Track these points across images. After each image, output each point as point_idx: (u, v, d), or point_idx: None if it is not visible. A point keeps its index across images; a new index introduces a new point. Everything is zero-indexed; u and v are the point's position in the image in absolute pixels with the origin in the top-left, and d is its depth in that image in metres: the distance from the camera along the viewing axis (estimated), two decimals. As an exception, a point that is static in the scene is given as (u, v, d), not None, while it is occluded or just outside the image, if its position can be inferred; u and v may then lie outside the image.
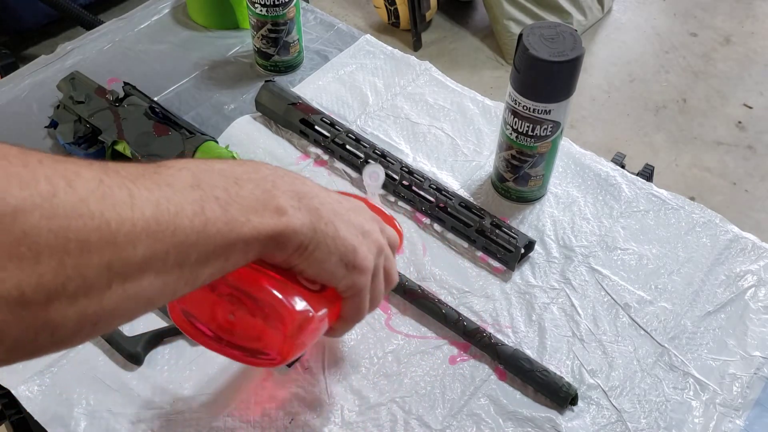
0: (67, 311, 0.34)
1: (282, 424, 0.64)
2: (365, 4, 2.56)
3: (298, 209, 0.45)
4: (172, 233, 0.38)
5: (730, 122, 2.18)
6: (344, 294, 0.51)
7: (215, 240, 0.40)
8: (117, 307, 0.37)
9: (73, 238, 0.34)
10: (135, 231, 0.36)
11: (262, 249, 0.43)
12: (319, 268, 0.48)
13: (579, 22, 2.40)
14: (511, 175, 0.79)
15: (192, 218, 0.39)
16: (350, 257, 0.49)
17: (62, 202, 0.34)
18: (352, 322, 0.54)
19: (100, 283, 0.35)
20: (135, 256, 0.36)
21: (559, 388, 0.65)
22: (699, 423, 0.64)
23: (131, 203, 0.36)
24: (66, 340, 0.36)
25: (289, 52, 0.96)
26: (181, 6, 1.08)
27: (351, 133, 0.84)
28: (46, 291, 0.33)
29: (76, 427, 0.63)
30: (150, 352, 0.68)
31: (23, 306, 0.33)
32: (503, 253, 0.74)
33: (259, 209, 0.43)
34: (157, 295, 0.39)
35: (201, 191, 0.40)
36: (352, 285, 0.50)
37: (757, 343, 0.70)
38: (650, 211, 0.81)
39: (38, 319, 0.34)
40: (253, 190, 0.43)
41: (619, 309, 0.72)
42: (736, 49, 2.42)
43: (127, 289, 0.36)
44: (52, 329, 0.35)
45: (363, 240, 0.50)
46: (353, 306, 0.52)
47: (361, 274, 0.50)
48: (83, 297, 0.35)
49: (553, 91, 0.71)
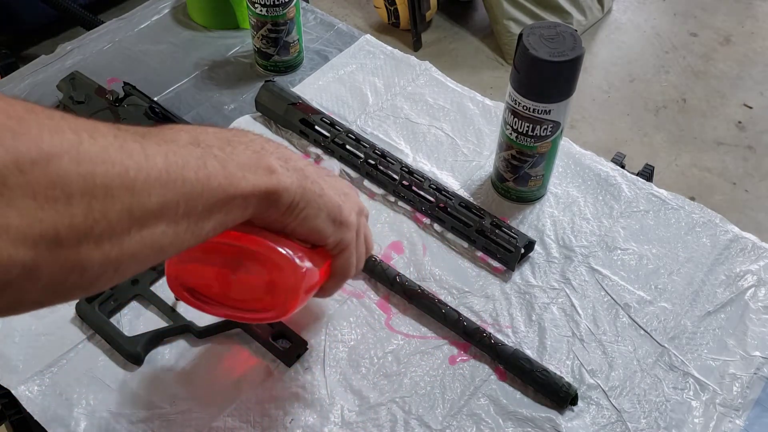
0: (94, 254, 0.37)
1: (282, 424, 0.64)
2: (365, 4, 2.56)
3: (286, 169, 0.48)
4: (181, 184, 0.40)
5: (730, 122, 2.18)
6: (334, 251, 0.54)
7: (217, 193, 0.43)
8: (135, 252, 0.39)
9: (99, 183, 0.36)
10: (150, 180, 0.39)
11: (257, 205, 0.46)
12: (310, 225, 0.51)
13: (579, 22, 2.40)
14: (511, 175, 0.79)
15: (196, 171, 0.41)
16: (336, 213, 0.52)
17: (87, 149, 0.36)
18: (342, 279, 0.57)
19: (122, 228, 0.38)
20: (150, 203, 0.39)
21: (559, 388, 0.65)
22: (699, 423, 0.64)
23: (144, 154, 0.39)
24: (91, 282, 0.39)
25: (289, 52, 0.96)
26: (181, 6, 1.08)
27: (351, 133, 0.84)
28: (77, 232, 0.36)
29: (76, 427, 0.63)
30: (150, 352, 0.68)
31: (58, 245, 0.35)
32: (503, 253, 0.74)
33: (252, 167, 0.45)
34: (168, 244, 0.41)
35: (201, 149, 0.43)
36: (341, 241, 0.54)
37: (757, 343, 0.70)
38: (650, 211, 0.81)
39: (70, 259, 0.36)
40: (244, 151, 0.46)
41: (619, 309, 0.72)
42: (736, 49, 2.42)
43: (144, 236, 0.39)
44: (81, 270, 0.37)
45: (345, 199, 0.54)
46: (342, 262, 0.56)
47: (347, 229, 0.54)
48: (107, 240, 0.37)
49: (553, 91, 0.71)
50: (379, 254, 0.76)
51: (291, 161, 0.50)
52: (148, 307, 0.71)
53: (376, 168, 0.81)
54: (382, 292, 0.73)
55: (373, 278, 0.74)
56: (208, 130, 0.46)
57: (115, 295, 0.71)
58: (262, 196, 0.46)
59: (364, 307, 0.72)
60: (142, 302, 0.72)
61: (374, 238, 0.78)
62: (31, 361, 0.67)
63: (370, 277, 0.74)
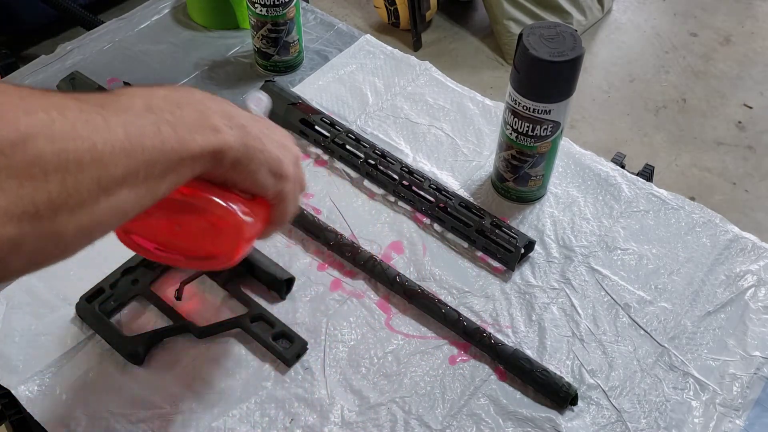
0: (69, 223, 0.40)
1: (282, 424, 0.64)
2: (365, 4, 2.56)
3: (230, 127, 0.51)
4: (141, 151, 0.43)
5: (730, 122, 2.18)
6: (273, 201, 0.57)
7: (170, 157, 0.45)
8: (103, 219, 0.42)
9: (72, 159, 0.39)
10: (115, 151, 0.41)
11: (204, 164, 0.49)
12: (252, 179, 0.54)
13: (579, 22, 2.40)
14: (511, 175, 0.79)
15: (153, 138, 0.44)
16: (277, 167, 0.55)
17: (59, 128, 0.39)
18: (280, 225, 0.61)
19: (92, 197, 0.41)
20: (116, 172, 0.42)
21: (559, 388, 0.65)
22: (699, 423, 0.64)
23: (107, 127, 0.42)
24: (67, 249, 0.42)
25: (289, 52, 0.96)
26: (181, 6, 1.08)
27: (351, 133, 0.84)
28: (54, 206, 0.39)
29: (76, 427, 0.63)
30: (150, 352, 0.68)
31: (38, 219, 0.38)
32: (503, 253, 0.74)
33: (199, 128, 0.48)
34: (131, 208, 0.44)
35: (154, 115, 0.45)
36: (280, 192, 0.57)
37: (757, 343, 0.70)
38: (650, 211, 0.81)
39: (48, 231, 0.39)
40: (191, 113, 0.48)
41: (619, 309, 0.72)
42: (736, 49, 2.42)
43: (111, 202, 0.42)
44: (58, 240, 0.40)
45: (284, 152, 0.57)
46: (281, 211, 0.59)
47: (286, 182, 0.57)
48: (79, 210, 0.40)
49: (553, 91, 0.71)
50: (379, 254, 0.76)
51: (234, 118, 0.52)
52: (148, 307, 0.71)
53: (376, 168, 0.81)
54: (382, 292, 0.73)
55: (373, 278, 0.74)
56: (158, 93, 0.48)
57: (115, 295, 0.71)
58: (209, 156, 0.49)
59: (364, 307, 0.72)
60: (142, 302, 0.72)
61: (374, 237, 0.78)
62: (31, 361, 0.67)
63: (370, 277, 0.74)
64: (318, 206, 0.81)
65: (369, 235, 0.78)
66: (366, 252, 0.74)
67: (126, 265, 0.72)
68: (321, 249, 0.77)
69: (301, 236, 0.78)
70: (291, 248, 0.77)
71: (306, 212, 0.77)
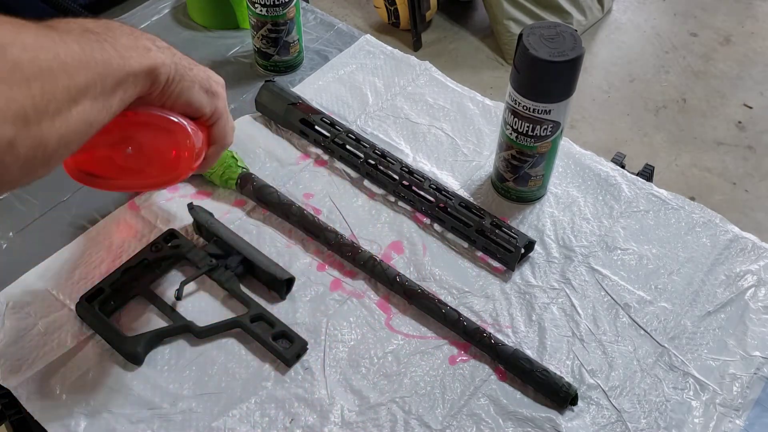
0: (51, 129, 0.45)
1: (282, 424, 0.64)
2: (365, 4, 2.56)
3: (159, 49, 0.55)
4: (94, 64, 0.48)
5: (730, 122, 2.18)
6: (211, 120, 0.62)
7: (117, 72, 0.50)
8: (75, 128, 0.47)
9: (44, 67, 0.44)
10: (75, 62, 0.46)
11: (143, 83, 0.53)
12: (186, 97, 0.58)
13: (579, 22, 2.40)
14: (511, 175, 0.79)
15: (101, 54, 0.49)
16: (206, 84, 0.60)
17: (25, 39, 0.43)
18: (221, 147, 0.65)
19: (65, 106, 0.45)
20: (80, 82, 0.46)
21: (559, 388, 0.65)
22: (699, 423, 0.64)
23: (63, 41, 0.46)
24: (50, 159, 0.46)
25: (289, 52, 0.96)
26: (181, 6, 1.08)
27: (351, 133, 0.84)
28: (38, 111, 0.43)
29: (76, 427, 0.63)
30: (150, 352, 0.68)
31: (28, 123, 0.43)
32: (503, 253, 0.74)
33: (133, 49, 0.52)
34: (94, 118, 0.49)
35: (96, 36, 0.50)
36: (216, 109, 0.61)
37: (757, 343, 0.70)
38: (650, 211, 0.81)
39: (36, 136, 0.44)
40: (123, 36, 0.52)
41: (619, 309, 0.72)
42: (736, 49, 2.42)
43: (79, 112, 0.47)
44: (44, 147, 0.45)
45: (209, 73, 0.62)
46: (220, 129, 0.63)
47: (219, 98, 0.62)
48: (57, 117, 0.45)
49: (553, 91, 0.71)
50: (379, 254, 0.76)
51: (158, 41, 0.56)
52: (148, 307, 0.71)
53: (376, 168, 0.81)
54: (382, 292, 0.73)
55: (373, 278, 0.74)
56: (88, 21, 0.52)
57: (115, 295, 0.71)
58: (146, 73, 0.53)
59: (364, 307, 0.72)
60: (142, 302, 0.72)
61: (374, 237, 0.78)
62: (31, 361, 0.67)
63: (370, 277, 0.74)
64: (318, 206, 0.81)
65: (369, 235, 0.78)
66: (366, 252, 0.74)
67: (126, 265, 0.72)
68: (321, 249, 0.77)
69: (301, 236, 0.78)
70: (291, 248, 0.77)
71: (306, 212, 0.77)
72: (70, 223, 0.78)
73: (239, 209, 0.80)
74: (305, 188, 0.83)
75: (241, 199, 0.81)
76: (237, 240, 0.74)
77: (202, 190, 0.82)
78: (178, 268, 0.75)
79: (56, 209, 0.80)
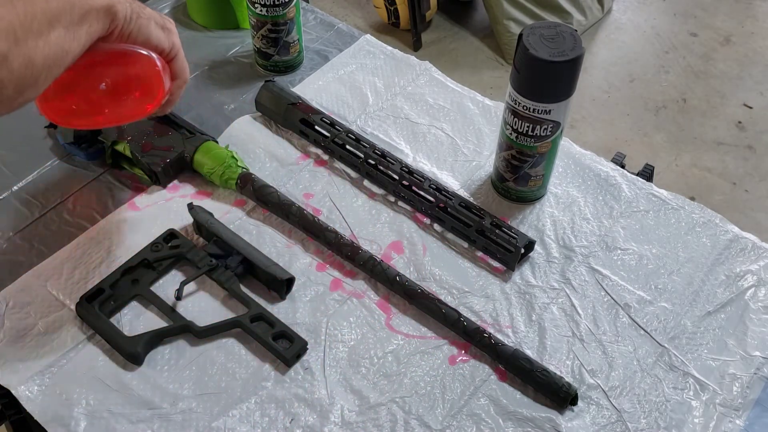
0: (36, 50, 0.50)
1: (282, 424, 0.64)
2: (365, 4, 2.56)
3: None
4: None
5: (730, 122, 2.18)
6: (171, 55, 0.66)
7: (83, 5, 0.54)
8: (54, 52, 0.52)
9: None
10: None
11: (105, 20, 0.57)
12: (146, 33, 0.62)
13: (579, 22, 2.40)
14: (511, 175, 0.79)
15: None
16: (161, 20, 0.64)
17: None
18: (183, 81, 0.69)
19: (45, 27, 0.51)
20: (54, 7, 0.51)
21: (559, 388, 0.65)
22: (699, 423, 0.64)
23: None
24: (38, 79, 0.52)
25: (289, 52, 0.96)
26: (181, 6, 1.08)
27: (351, 133, 0.84)
28: (24, 29, 0.49)
29: (76, 427, 0.63)
30: (150, 352, 0.68)
31: (17, 40, 0.48)
32: (503, 253, 0.74)
33: None
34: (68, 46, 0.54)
35: None
36: (174, 44, 0.66)
37: (757, 343, 0.70)
38: (650, 211, 0.81)
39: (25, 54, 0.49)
40: None
41: (619, 309, 0.72)
42: (736, 49, 2.42)
43: (56, 37, 0.52)
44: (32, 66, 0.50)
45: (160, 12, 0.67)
46: (180, 63, 0.68)
47: (173, 34, 0.66)
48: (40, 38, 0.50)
49: (553, 91, 0.71)
50: (379, 254, 0.76)
51: None
52: (148, 307, 0.71)
53: (376, 168, 0.81)
54: (382, 292, 0.73)
55: (373, 278, 0.74)
56: None
57: (115, 295, 0.71)
58: (106, 9, 0.57)
59: (364, 307, 0.72)
60: (142, 302, 0.72)
61: (374, 237, 0.78)
62: (31, 361, 0.67)
63: (370, 277, 0.74)
64: (318, 206, 0.81)
65: (369, 235, 0.78)
66: (366, 252, 0.74)
67: (126, 265, 0.72)
68: (321, 249, 0.77)
69: (301, 236, 0.78)
70: (291, 248, 0.77)
71: (306, 212, 0.77)
72: (70, 223, 0.78)
73: (239, 209, 0.80)
74: (305, 188, 0.83)
75: (241, 199, 0.81)
76: (237, 240, 0.74)
77: (202, 190, 0.82)
78: (178, 268, 0.75)
79: (56, 209, 0.80)
